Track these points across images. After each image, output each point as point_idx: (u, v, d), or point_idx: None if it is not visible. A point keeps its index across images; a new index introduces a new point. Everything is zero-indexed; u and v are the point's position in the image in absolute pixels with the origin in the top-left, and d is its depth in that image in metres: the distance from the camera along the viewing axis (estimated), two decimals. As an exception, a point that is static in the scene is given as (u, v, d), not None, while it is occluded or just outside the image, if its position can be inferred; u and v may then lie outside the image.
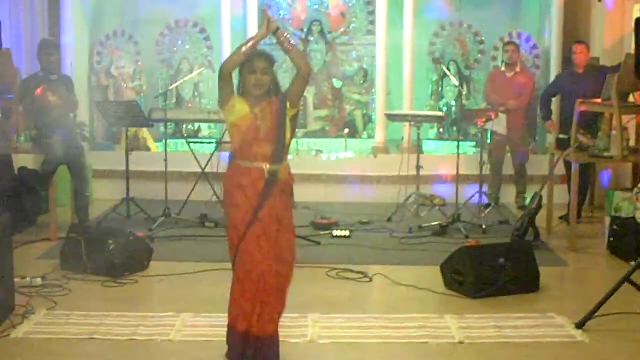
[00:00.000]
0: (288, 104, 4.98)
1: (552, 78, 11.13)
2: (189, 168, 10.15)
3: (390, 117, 10.48)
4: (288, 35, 5.01)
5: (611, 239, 8.23)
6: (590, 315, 5.91)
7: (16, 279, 6.36)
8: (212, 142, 10.27)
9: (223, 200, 5.27)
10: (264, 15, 4.96)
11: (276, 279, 4.92)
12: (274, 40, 5.06)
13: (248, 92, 5.00)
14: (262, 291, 4.88)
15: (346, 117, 12.31)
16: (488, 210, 9.74)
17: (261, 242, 4.89)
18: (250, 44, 4.94)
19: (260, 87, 4.97)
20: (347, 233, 8.91)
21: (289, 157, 5.19)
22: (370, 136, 12.02)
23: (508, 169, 10.62)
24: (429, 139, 11.94)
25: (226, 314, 5.32)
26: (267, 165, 4.94)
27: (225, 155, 10.20)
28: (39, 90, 8.63)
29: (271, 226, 4.92)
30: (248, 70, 4.97)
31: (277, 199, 4.96)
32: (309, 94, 11.67)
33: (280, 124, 4.96)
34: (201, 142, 10.91)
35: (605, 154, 8.54)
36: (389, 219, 9.66)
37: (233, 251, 4.99)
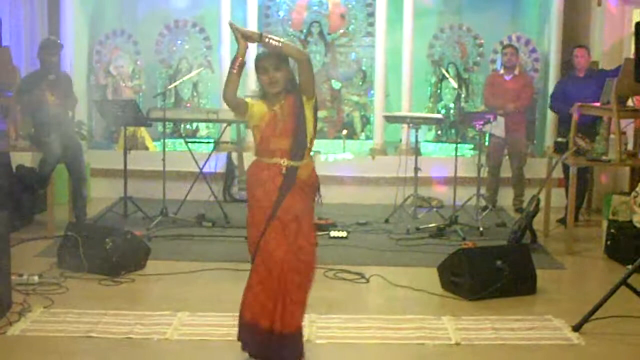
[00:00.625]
0: (304, 97, 4.93)
1: (551, 82, 11.14)
2: (187, 168, 10.15)
3: (389, 119, 10.49)
4: (268, 38, 4.87)
5: (608, 242, 8.24)
6: (587, 318, 5.91)
7: (13, 277, 6.35)
8: (210, 142, 10.28)
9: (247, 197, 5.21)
10: (232, 29, 4.89)
11: (298, 277, 4.93)
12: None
13: (266, 92, 4.98)
14: (283, 288, 4.90)
15: (345, 118, 12.32)
16: (486, 212, 9.75)
17: (280, 238, 4.90)
18: (238, 61, 4.88)
19: (275, 84, 4.92)
20: (344, 234, 8.91)
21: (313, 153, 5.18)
22: (368, 138, 12.03)
23: (506, 172, 10.63)
24: (427, 141, 11.94)
25: (223, 313, 5.33)
26: (285, 161, 4.93)
27: (222, 155, 10.41)
28: (38, 91, 8.62)
29: (290, 224, 4.92)
30: (260, 72, 4.94)
31: (296, 197, 4.95)
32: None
33: (298, 120, 4.94)
34: (199, 142, 10.92)
35: (604, 158, 8.56)
36: (386, 221, 9.66)
37: (253, 248, 4.99)
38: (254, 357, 5.07)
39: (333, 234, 8.89)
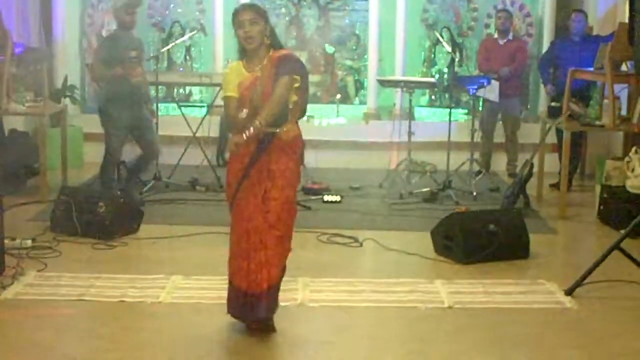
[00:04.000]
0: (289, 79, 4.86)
1: (545, 47, 11.10)
2: (180, 132, 10.10)
3: (383, 83, 10.46)
4: (255, 127, 4.71)
5: (601, 207, 8.25)
6: (579, 283, 5.94)
7: (6, 241, 6.35)
8: (203, 106, 10.26)
9: None
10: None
11: (260, 236, 4.88)
12: None
13: (244, 51, 4.92)
14: (250, 247, 4.88)
15: (338, 83, 12.29)
16: (479, 177, 9.76)
17: (250, 198, 4.87)
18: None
19: (251, 39, 4.83)
20: (338, 198, 8.91)
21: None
22: (362, 102, 12.03)
23: (499, 136, 10.62)
24: (421, 106, 11.92)
25: (216, 277, 5.34)
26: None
27: (216, 119, 10.38)
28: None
29: (260, 184, 4.87)
30: (237, 26, 4.86)
31: (273, 157, 4.89)
32: (302, 58, 11.63)
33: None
34: (192, 106, 10.89)
35: (597, 123, 8.55)
36: (380, 185, 9.67)
37: (230, 206, 5.01)
38: (235, 318, 5.11)
39: (327, 198, 8.88)
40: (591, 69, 8.66)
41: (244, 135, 4.68)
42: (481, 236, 6.73)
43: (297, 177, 5.10)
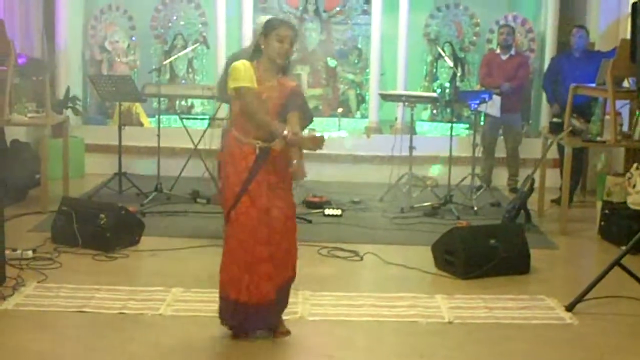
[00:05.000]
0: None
1: (547, 62, 11.12)
2: (181, 144, 10.11)
3: (385, 97, 10.47)
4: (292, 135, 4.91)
5: (602, 223, 8.24)
6: (580, 299, 5.93)
7: (7, 252, 6.34)
8: (205, 119, 10.26)
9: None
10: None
11: (267, 249, 4.93)
12: None
13: (267, 60, 4.97)
14: (252, 261, 4.91)
15: (340, 96, 12.30)
16: (480, 192, 9.75)
17: (252, 212, 4.90)
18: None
19: (284, 56, 4.95)
20: (339, 212, 8.91)
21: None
22: (363, 116, 12.02)
23: (501, 151, 10.62)
24: (422, 120, 11.93)
25: (217, 290, 5.33)
26: (260, 143, 4.91)
27: (217, 132, 10.36)
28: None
29: (261, 197, 4.91)
30: (276, 38, 4.91)
31: (270, 168, 4.95)
32: (304, 72, 11.69)
33: (283, 113, 4.95)
34: (194, 119, 10.88)
35: (599, 139, 8.55)
36: (381, 199, 9.67)
37: (226, 219, 5.04)
38: (231, 329, 5.13)
39: (327, 212, 8.89)
40: (593, 84, 8.67)
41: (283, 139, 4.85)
42: (482, 251, 6.73)
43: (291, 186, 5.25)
